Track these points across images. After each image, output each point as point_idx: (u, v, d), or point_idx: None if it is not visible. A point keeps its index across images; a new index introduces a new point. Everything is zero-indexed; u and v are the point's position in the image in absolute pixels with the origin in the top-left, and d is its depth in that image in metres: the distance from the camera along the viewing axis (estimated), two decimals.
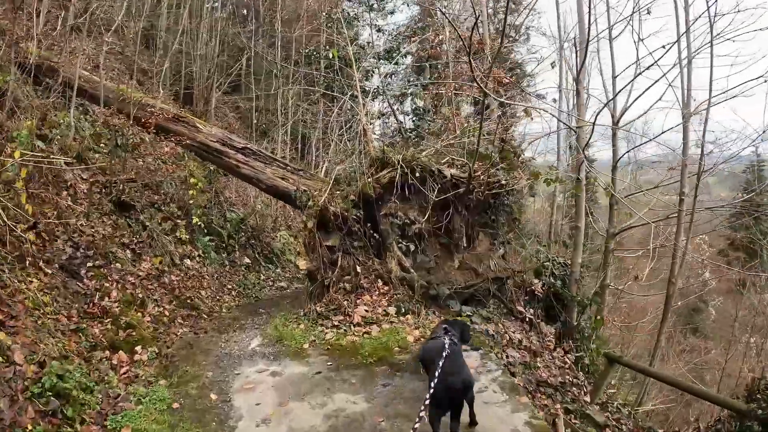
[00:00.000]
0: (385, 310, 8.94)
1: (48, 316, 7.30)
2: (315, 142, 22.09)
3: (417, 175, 9.57)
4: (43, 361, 6.16)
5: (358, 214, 9.41)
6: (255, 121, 20.71)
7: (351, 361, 7.65)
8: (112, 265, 9.40)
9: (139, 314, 8.73)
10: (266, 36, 24.27)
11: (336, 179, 10.02)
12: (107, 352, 7.55)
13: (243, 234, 14.88)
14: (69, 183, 10.76)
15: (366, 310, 8.85)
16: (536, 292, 11.68)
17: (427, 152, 10.35)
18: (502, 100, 10.61)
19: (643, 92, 12.58)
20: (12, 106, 11.33)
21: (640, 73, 9.63)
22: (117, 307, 8.44)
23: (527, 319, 10.99)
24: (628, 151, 11.62)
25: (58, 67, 12.55)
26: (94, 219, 10.34)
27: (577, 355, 11.06)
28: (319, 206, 9.20)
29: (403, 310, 9.03)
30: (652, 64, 9.25)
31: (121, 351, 7.66)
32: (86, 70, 13.73)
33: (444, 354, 5.67)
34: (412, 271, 9.72)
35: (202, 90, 19.54)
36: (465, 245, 10.68)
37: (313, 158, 20.96)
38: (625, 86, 10.17)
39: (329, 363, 7.64)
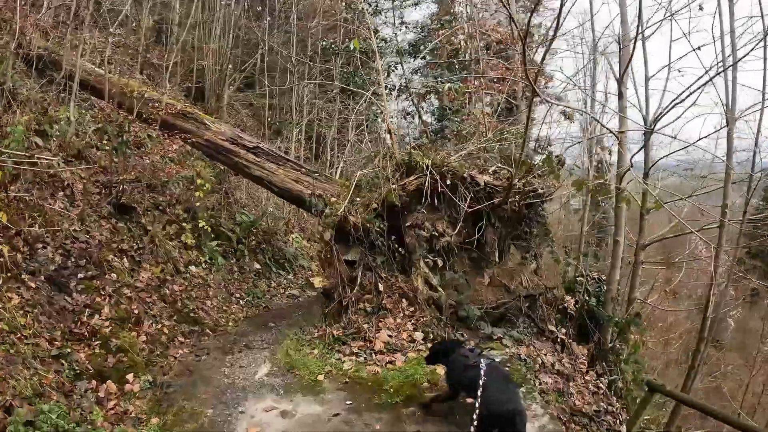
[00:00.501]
0: (410, 336, 7.78)
1: (25, 342, 6.19)
2: (330, 142, 20.96)
3: (448, 182, 8.40)
4: (10, 405, 5.04)
5: (382, 226, 8.24)
6: (269, 119, 19.52)
7: (374, 400, 6.47)
8: (106, 276, 8.29)
9: (134, 334, 7.63)
10: (281, 31, 23.12)
11: (356, 184, 8.84)
12: (93, 381, 6.46)
13: (253, 238, 13.75)
14: (66, 183, 9.67)
15: (389, 335, 7.69)
16: (569, 310, 10.59)
17: (457, 156, 9.16)
18: (555, 102, 9.39)
19: (684, 94, 11.36)
20: (9, 99, 10.29)
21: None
22: (108, 326, 7.34)
23: (558, 340, 9.87)
24: (665, 157, 10.43)
25: (60, 59, 11.49)
26: (90, 223, 9.26)
27: (611, 378, 10.06)
28: (338, 216, 8.04)
29: (431, 335, 7.86)
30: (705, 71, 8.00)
31: (109, 381, 6.55)
32: (93, 63, 12.70)
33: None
34: (440, 289, 8.58)
35: (214, 85, 18.41)
36: (496, 260, 9.53)
37: (328, 158, 19.80)
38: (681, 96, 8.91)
39: (348, 402, 6.46)
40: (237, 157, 11.14)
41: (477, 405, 4.89)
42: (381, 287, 8.11)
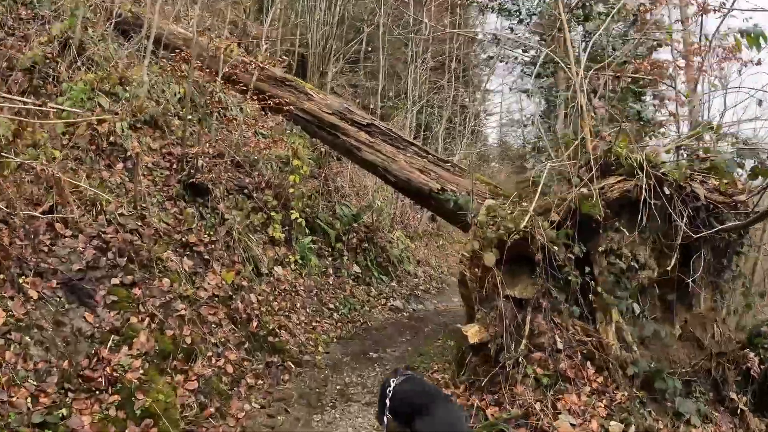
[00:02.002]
0: (603, 427, 4.49)
1: None
2: (442, 132, 17.81)
3: (666, 191, 5.07)
4: None
5: (576, 252, 4.98)
6: (380, 103, 16.45)
7: None
8: (153, 282, 5.49)
9: (178, 379, 4.76)
10: (392, 8, 20.10)
11: (533, 182, 5.58)
12: None
13: (354, 235, 10.79)
14: (128, 153, 7.08)
15: (572, 425, 4.41)
16: (751, 372, 7.14)
17: (667, 152, 5.80)
18: None
19: None
20: (75, 56, 7.89)
21: None
22: (139, 366, 4.50)
23: (738, 410, 6.45)
24: None
25: (142, 18, 9.08)
26: (149, 206, 6.54)
27: None
28: (509, 228, 4.80)
29: (633, 427, 4.54)
30: None
31: None
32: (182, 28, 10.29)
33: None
34: (635, 347, 5.25)
35: (318, 60, 15.58)
36: (689, 303, 6.19)
37: (440, 149, 16.62)
38: None
39: None
40: (345, 136, 8.23)
41: None
42: (559, 342, 4.84)
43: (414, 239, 15.02)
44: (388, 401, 3.99)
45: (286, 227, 8.95)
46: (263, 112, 10.30)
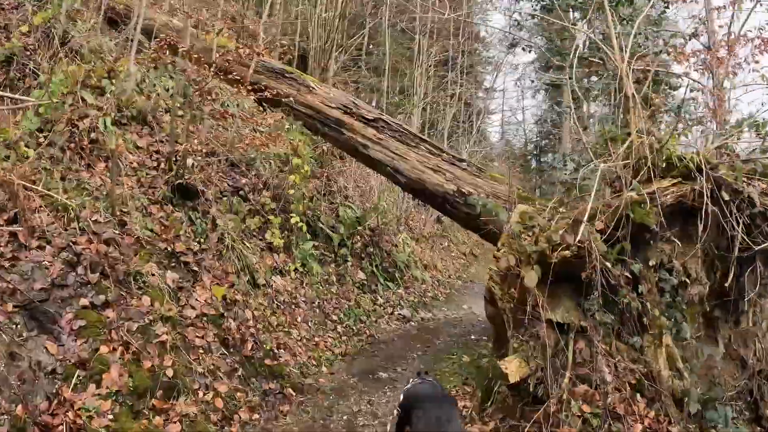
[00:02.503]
0: None
1: None
2: (447, 130, 17.02)
3: (725, 195, 4.32)
4: None
5: (634, 269, 4.19)
6: (386, 100, 15.60)
7: None
8: (131, 302, 4.72)
9: (158, 420, 3.97)
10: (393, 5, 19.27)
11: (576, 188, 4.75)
12: None
13: (359, 239, 10.00)
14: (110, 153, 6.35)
15: None
16: None
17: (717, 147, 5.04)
18: None
19: None
20: (57, 47, 7.20)
21: None
22: (108, 410, 3.71)
23: None
24: None
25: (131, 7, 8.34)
26: (132, 210, 5.79)
27: None
28: (555, 243, 3.99)
29: None
30: None
31: None
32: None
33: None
34: (686, 374, 4.48)
35: (320, 54, 14.76)
36: (735, 320, 5.44)
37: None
38: None
39: None
40: (351, 132, 7.47)
41: None
42: (607, 374, 4.06)
43: (419, 241, 14.23)
44: (401, 397, 4.27)
45: (286, 232, 8.18)
46: (261, 108, 9.54)
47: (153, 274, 5.18)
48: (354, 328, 8.29)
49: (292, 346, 6.60)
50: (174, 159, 6.84)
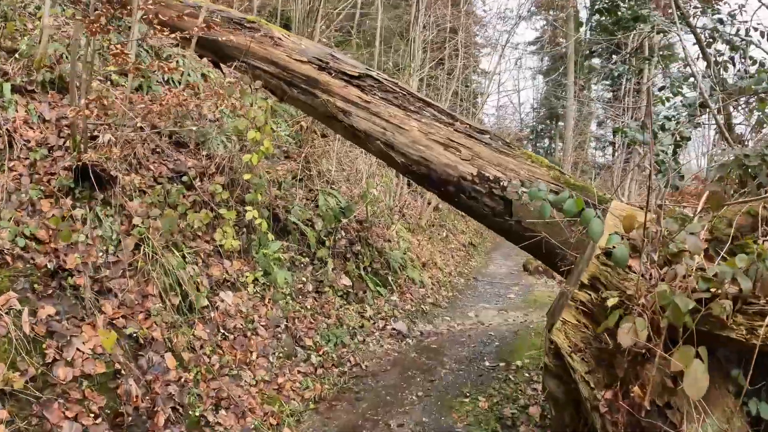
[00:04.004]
0: None
1: None
2: (446, 107, 14.80)
3: None
4: None
5: None
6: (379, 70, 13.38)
7: None
8: None
9: None
10: None
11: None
12: None
13: (343, 235, 7.88)
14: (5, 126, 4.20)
15: None
16: None
17: None
18: None
19: None
20: None
21: None
22: None
23: None
24: None
25: None
26: (1, 208, 3.66)
27: None
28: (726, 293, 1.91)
29: None
30: None
31: None
32: None
33: None
34: None
35: (302, 25, 12.52)
36: None
37: None
38: None
39: None
40: (327, 94, 5.32)
41: None
42: None
43: (416, 233, 12.12)
44: None
45: (244, 230, 6.07)
46: (217, 68, 7.36)
47: (2, 318, 3.07)
48: (334, 356, 6.19)
49: (240, 400, 4.50)
50: (83, 133, 4.70)
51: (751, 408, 2.15)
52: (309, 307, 6.50)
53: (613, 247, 2.16)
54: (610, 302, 2.22)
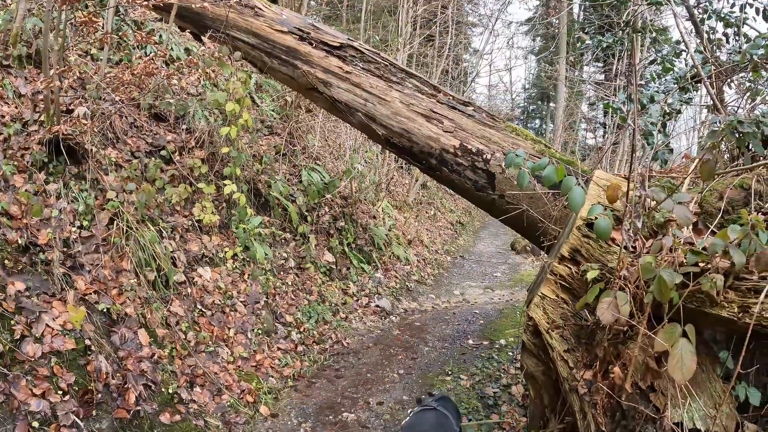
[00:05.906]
0: None
1: None
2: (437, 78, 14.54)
3: None
4: None
5: None
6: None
7: None
8: None
9: None
10: None
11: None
12: None
13: (326, 211, 7.74)
14: None
15: None
16: None
17: None
18: None
19: None
20: None
21: None
22: None
23: None
24: None
25: None
26: None
27: None
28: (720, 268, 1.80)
29: None
30: None
31: None
32: None
33: None
34: None
35: None
36: None
37: None
38: None
39: None
40: (307, 65, 5.14)
41: None
42: None
43: (402, 210, 12.00)
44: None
45: (224, 205, 5.91)
46: (198, 41, 7.12)
47: None
48: (315, 333, 6.09)
49: (216, 377, 4.39)
50: (52, 106, 4.49)
51: (739, 393, 2.05)
52: (290, 283, 6.38)
53: (596, 218, 2.04)
54: (590, 275, 2.11)
